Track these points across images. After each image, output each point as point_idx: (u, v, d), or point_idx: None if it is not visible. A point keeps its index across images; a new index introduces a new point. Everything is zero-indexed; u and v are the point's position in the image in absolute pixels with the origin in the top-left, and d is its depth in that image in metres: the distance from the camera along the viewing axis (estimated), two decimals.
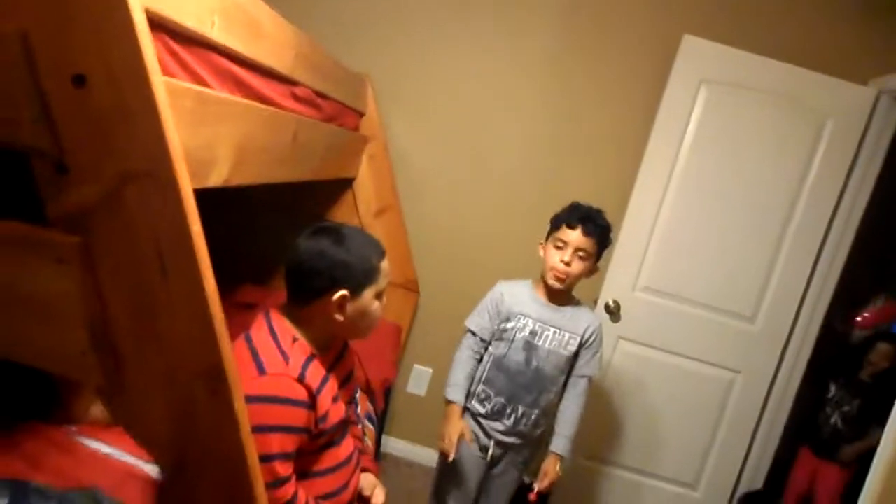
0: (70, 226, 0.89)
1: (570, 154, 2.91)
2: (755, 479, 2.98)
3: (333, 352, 1.49)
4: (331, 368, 1.43)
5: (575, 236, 1.90)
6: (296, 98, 1.81)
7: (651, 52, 2.81)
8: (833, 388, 2.97)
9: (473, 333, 2.00)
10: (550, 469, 1.99)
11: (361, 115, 2.69)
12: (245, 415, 0.97)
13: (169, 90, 0.97)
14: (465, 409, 2.02)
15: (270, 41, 1.55)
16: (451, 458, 1.90)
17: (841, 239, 2.80)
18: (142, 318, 0.91)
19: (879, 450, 2.10)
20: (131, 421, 0.97)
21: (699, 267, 2.79)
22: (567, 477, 2.92)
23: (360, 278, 1.36)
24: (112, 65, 0.87)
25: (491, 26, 2.86)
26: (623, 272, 2.81)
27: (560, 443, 2.00)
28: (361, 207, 2.79)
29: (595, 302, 2.81)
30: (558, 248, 1.92)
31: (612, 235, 1.99)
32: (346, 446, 1.48)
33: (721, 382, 2.89)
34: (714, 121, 2.70)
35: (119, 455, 1.44)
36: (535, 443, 2.08)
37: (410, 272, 2.92)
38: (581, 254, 1.91)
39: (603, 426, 2.93)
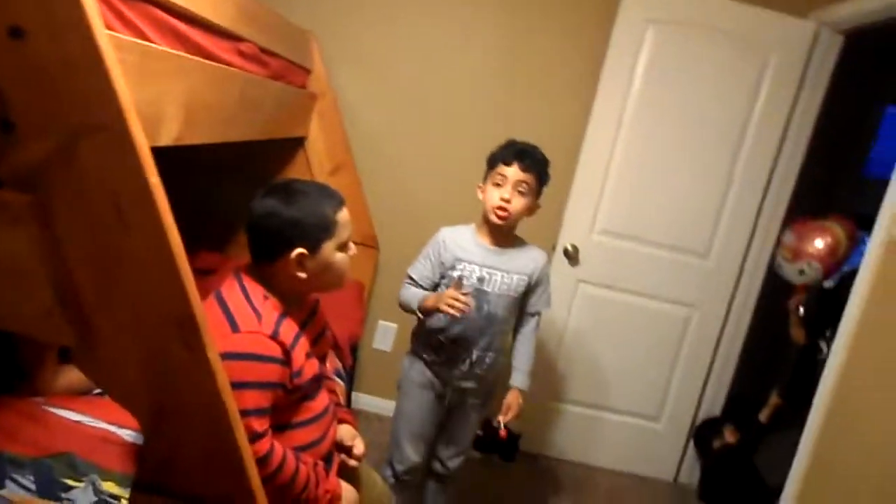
0: (22, 184, 0.86)
1: (522, 99, 2.92)
2: (713, 408, 3.12)
3: (306, 309, 1.49)
4: (303, 325, 1.44)
5: (512, 172, 1.88)
6: (241, 55, 1.76)
7: None
8: (825, 348, 2.67)
9: (414, 281, 1.97)
10: (513, 402, 2.02)
11: (308, 72, 2.64)
12: (220, 364, 0.97)
13: (113, 44, 0.94)
14: (420, 358, 2.03)
15: None
16: (470, 307, 1.83)
17: (786, 173, 2.90)
18: (106, 274, 0.90)
19: (811, 414, 2.21)
20: (105, 378, 0.96)
21: (653, 206, 2.85)
22: (534, 417, 3.01)
23: (316, 234, 1.36)
24: (52, 16, 0.83)
25: None
26: (580, 216, 2.85)
27: (519, 377, 2.05)
28: (315, 167, 2.75)
29: (554, 247, 2.86)
30: (497, 185, 1.90)
31: (549, 170, 1.96)
32: (322, 399, 1.49)
33: (678, 318, 2.99)
34: (662, 60, 2.74)
35: (91, 421, 1.44)
36: (492, 383, 2.10)
37: (369, 228, 2.91)
38: (521, 188, 1.88)
39: (567, 367, 3.01)
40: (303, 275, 1.36)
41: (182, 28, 1.39)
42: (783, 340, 2.80)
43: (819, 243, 2.60)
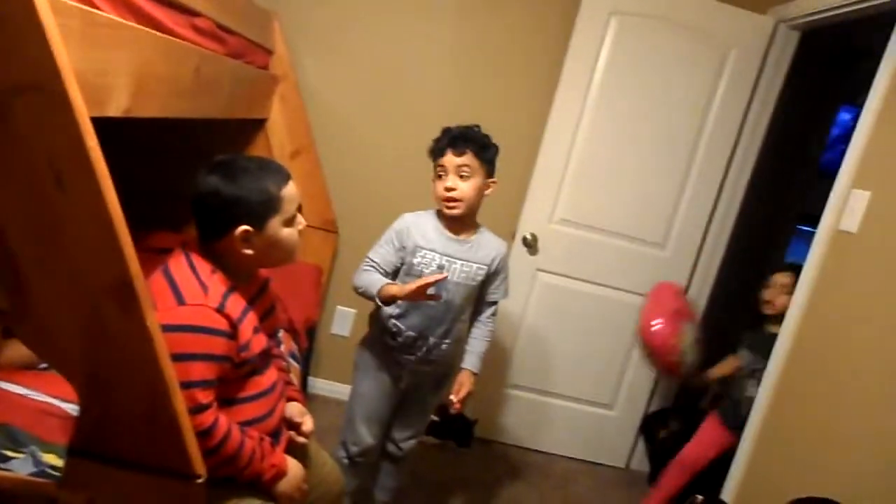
0: None
1: (483, 88, 2.94)
2: (666, 397, 3.19)
3: (255, 284, 1.49)
4: (252, 300, 1.44)
5: (448, 160, 1.88)
6: (196, 30, 1.75)
7: None
8: (745, 356, 2.59)
9: (375, 265, 1.95)
10: (465, 381, 2.02)
11: (270, 53, 2.62)
12: (158, 329, 0.97)
13: (52, 7, 0.93)
14: (377, 341, 2.03)
15: None
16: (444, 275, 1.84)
17: (743, 166, 2.97)
18: (41, 236, 0.89)
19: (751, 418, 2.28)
20: (40, 342, 0.95)
21: (612, 197, 2.90)
22: (489, 404, 3.05)
23: (260, 210, 1.35)
24: None
25: None
26: (539, 205, 2.89)
27: (470, 359, 2.05)
28: (276, 150, 2.74)
29: (513, 235, 2.89)
30: (440, 176, 1.91)
31: (493, 145, 1.93)
32: (270, 375, 1.49)
33: (634, 307, 3.00)
34: (624, 52, 2.78)
35: (33, 394, 1.43)
36: (449, 368, 2.11)
37: (328, 213, 2.91)
38: (464, 171, 1.87)
39: (523, 355, 3.05)
40: (249, 251, 1.36)
41: None
42: (735, 329, 2.86)
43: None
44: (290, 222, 1.41)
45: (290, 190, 1.40)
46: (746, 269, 3.29)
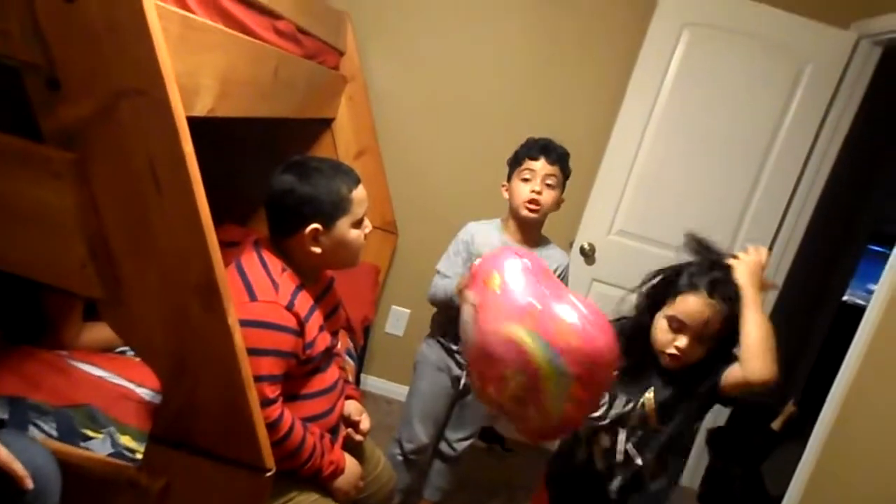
0: (65, 142, 0.90)
1: (550, 97, 2.93)
2: (718, 418, 3.11)
3: (321, 284, 1.53)
4: (318, 299, 1.48)
5: (540, 165, 1.92)
6: (278, 32, 1.80)
7: None
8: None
9: (442, 274, 1.99)
10: None
11: (341, 54, 2.67)
12: (237, 327, 1.01)
13: (157, 13, 0.97)
14: (438, 341, 2.06)
15: None
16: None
17: (813, 184, 2.87)
18: (138, 233, 0.94)
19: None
20: (129, 331, 1.00)
21: (674, 209, 2.85)
22: None
23: (330, 210, 1.39)
24: None
25: None
26: (599, 216, 2.86)
27: None
28: (340, 149, 2.79)
29: (571, 244, 2.87)
30: (526, 180, 1.93)
31: (569, 164, 2.00)
32: (332, 373, 1.54)
33: None
34: (695, 64, 2.73)
35: (112, 378, 1.49)
36: None
37: (389, 214, 2.94)
38: (550, 181, 1.93)
39: None
40: (317, 250, 1.40)
41: (224, 2, 1.43)
42: (800, 348, 2.79)
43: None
44: (357, 224, 1.45)
45: (359, 193, 1.44)
46: (812, 291, 3.21)
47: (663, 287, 1.59)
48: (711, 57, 2.73)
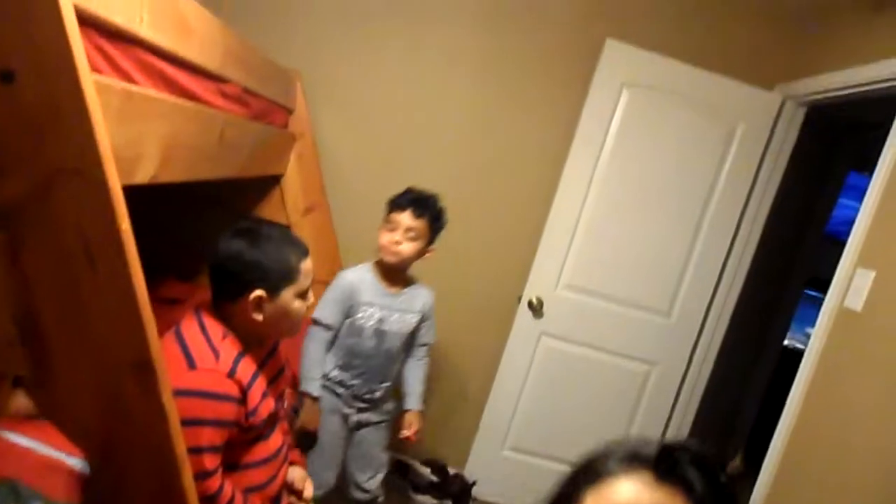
0: None
1: (496, 150, 2.99)
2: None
3: (265, 348, 1.51)
4: (262, 363, 1.46)
5: (404, 217, 2.05)
6: (224, 95, 1.81)
7: (574, 54, 2.92)
8: None
9: (324, 325, 2.09)
10: (414, 420, 2.24)
11: (290, 111, 2.69)
12: (174, 407, 0.99)
13: (97, 88, 0.98)
14: (324, 386, 2.14)
15: (199, 38, 1.55)
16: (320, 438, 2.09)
17: (749, 236, 3.00)
18: (70, 312, 0.92)
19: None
20: (57, 412, 0.98)
21: (619, 264, 2.93)
22: (490, 466, 3.02)
23: (276, 279, 1.39)
24: (41, 62, 0.87)
25: (420, 29, 2.92)
26: (546, 270, 2.92)
27: (414, 400, 2.25)
28: (289, 205, 2.78)
29: (519, 298, 2.91)
30: (391, 229, 2.06)
31: (444, 218, 2.13)
32: (275, 440, 1.51)
33: (638, 374, 3.04)
34: (634, 123, 2.85)
35: (41, 448, 1.42)
36: (389, 404, 2.27)
37: (337, 268, 2.93)
38: (411, 234, 2.05)
39: (525, 417, 3.04)
40: (259, 317, 1.40)
41: (168, 70, 1.43)
42: (741, 399, 2.85)
43: None
44: (302, 295, 1.45)
45: (307, 264, 1.45)
46: (753, 336, 3.30)
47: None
48: (650, 115, 2.85)
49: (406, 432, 2.22)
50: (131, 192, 1.01)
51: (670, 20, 2.92)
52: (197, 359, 1.31)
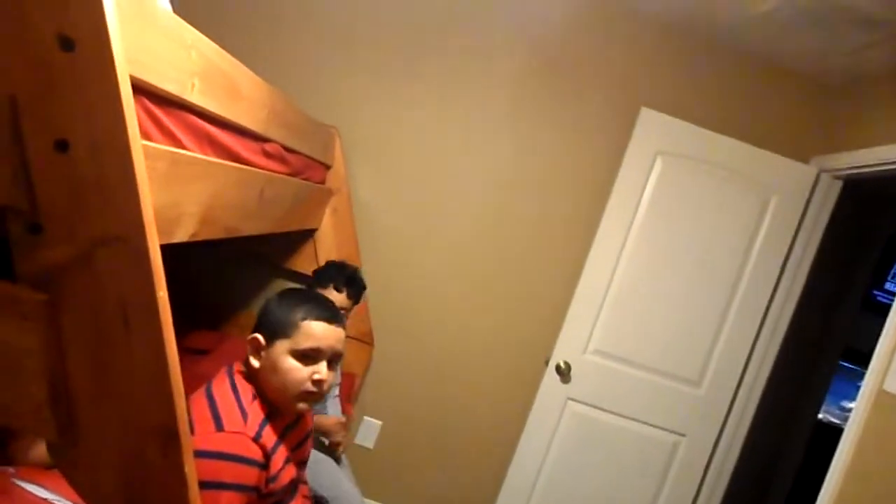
0: (38, 284, 0.91)
1: (528, 216, 3.01)
2: None
3: (291, 415, 1.50)
4: (287, 429, 1.46)
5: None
6: (266, 154, 1.85)
7: (609, 121, 2.95)
8: None
9: None
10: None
11: (328, 167, 2.74)
12: (194, 476, 0.99)
13: (146, 153, 1.01)
14: None
15: (246, 101, 1.60)
16: None
17: (783, 308, 2.94)
18: (101, 376, 0.93)
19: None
20: (78, 473, 0.97)
21: (649, 332, 2.89)
22: None
23: (273, 327, 1.40)
24: (95, 133, 0.90)
25: (455, 90, 2.98)
26: (576, 334, 2.88)
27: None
28: (321, 258, 2.81)
29: (546, 361, 2.88)
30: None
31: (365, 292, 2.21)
32: None
33: (666, 445, 2.96)
34: (668, 191, 2.84)
35: (58, 500, 1.43)
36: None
37: (366, 324, 2.94)
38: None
39: (549, 484, 2.96)
40: (256, 363, 1.40)
41: (215, 133, 1.47)
42: (773, 474, 2.75)
43: None
44: (299, 356, 1.39)
45: (317, 327, 1.40)
46: (786, 410, 3.21)
47: None
48: (684, 184, 2.85)
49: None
50: (164, 246, 1.03)
51: (706, 90, 2.95)
52: (225, 420, 1.31)
